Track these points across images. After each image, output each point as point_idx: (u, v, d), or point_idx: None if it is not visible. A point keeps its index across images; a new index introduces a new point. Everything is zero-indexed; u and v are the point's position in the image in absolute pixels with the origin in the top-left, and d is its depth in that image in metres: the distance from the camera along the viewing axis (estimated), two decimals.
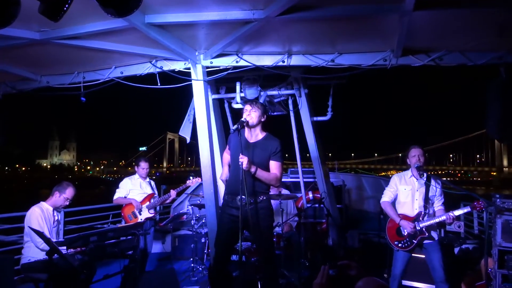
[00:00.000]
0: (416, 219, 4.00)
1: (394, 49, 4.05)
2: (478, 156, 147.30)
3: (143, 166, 5.51)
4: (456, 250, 5.27)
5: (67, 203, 4.28)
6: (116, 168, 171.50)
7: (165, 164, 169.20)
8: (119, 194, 5.40)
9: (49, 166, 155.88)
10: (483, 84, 4.34)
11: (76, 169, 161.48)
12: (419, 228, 3.95)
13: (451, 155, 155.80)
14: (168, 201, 5.73)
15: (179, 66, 4.66)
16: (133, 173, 5.68)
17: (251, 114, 3.50)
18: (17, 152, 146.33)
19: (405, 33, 3.55)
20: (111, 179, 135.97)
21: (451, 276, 4.76)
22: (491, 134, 4.16)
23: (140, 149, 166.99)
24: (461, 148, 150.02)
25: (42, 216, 4.08)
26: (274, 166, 3.50)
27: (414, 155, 4.02)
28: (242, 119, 3.48)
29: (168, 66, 4.69)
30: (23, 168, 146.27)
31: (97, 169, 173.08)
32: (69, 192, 4.24)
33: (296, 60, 4.50)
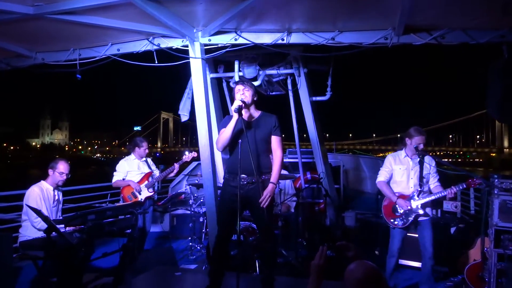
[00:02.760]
0: (411, 197, 4.21)
1: (395, 27, 4.04)
2: (478, 137, 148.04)
3: (145, 146, 5.57)
4: (453, 230, 5.40)
5: (64, 178, 4.30)
6: (108, 148, 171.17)
7: (159, 144, 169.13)
8: (117, 177, 5.47)
9: (38, 146, 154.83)
10: (485, 63, 4.37)
11: (67, 148, 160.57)
12: (414, 206, 4.16)
13: (450, 136, 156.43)
14: (172, 174, 5.80)
15: (176, 43, 4.64)
16: (127, 153, 5.73)
17: (245, 94, 3.53)
18: (2, 130, 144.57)
19: (407, 11, 3.55)
20: (103, 159, 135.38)
21: (447, 255, 4.94)
22: (492, 114, 4.22)
23: (135, 128, 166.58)
24: (461, 128, 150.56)
25: (40, 196, 4.13)
26: (276, 141, 3.58)
27: (420, 143, 4.19)
28: (238, 100, 3.48)
29: (165, 43, 4.67)
30: (11, 147, 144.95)
31: (89, 148, 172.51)
32: (60, 166, 4.27)
33: (295, 38, 4.49)
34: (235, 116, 3.43)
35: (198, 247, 6.06)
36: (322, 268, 2.11)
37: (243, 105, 3.45)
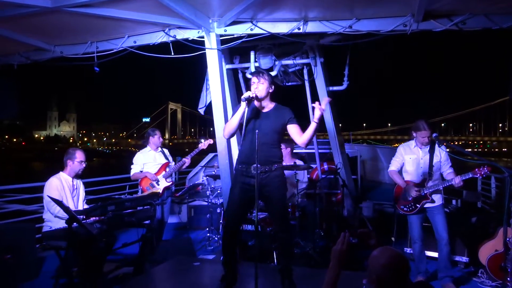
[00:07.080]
0: (421, 185, 4.43)
1: (414, 14, 4.05)
2: (500, 125, 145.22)
3: (158, 134, 5.74)
4: (473, 219, 5.45)
5: (84, 165, 4.46)
6: (114, 140, 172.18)
7: (167, 136, 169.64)
8: (134, 169, 5.65)
9: (41, 138, 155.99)
10: (507, 48, 4.38)
11: (71, 140, 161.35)
12: (423, 193, 4.37)
13: (470, 124, 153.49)
14: (184, 166, 5.94)
15: (192, 34, 4.73)
16: (135, 144, 5.87)
17: (258, 87, 3.56)
18: (10, 122, 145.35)
19: None
20: (107, 151, 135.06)
21: (467, 246, 5.01)
22: None
23: (144, 119, 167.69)
24: (482, 116, 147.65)
25: (59, 187, 4.25)
26: (295, 129, 3.62)
27: (425, 137, 4.36)
28: (251, 94, 3.50)
29: (181, 34, 4.76)
30: (14, 140, 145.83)
31: (94, 140, 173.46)
32: (78, 155, 4.43)
33: (312, 27, 4.54)
34: (243, 105, 3.47)
35: (216, 238, 6.24)
36: (343, 254, 2.15)
37: (254, 97, 3.49)
